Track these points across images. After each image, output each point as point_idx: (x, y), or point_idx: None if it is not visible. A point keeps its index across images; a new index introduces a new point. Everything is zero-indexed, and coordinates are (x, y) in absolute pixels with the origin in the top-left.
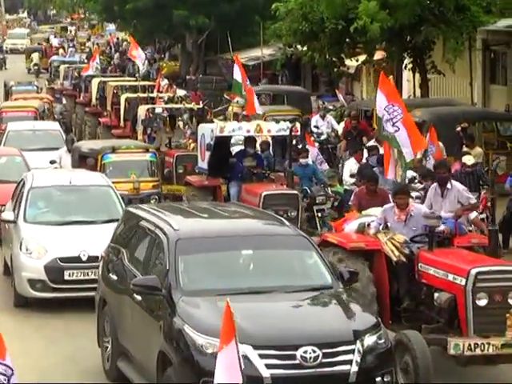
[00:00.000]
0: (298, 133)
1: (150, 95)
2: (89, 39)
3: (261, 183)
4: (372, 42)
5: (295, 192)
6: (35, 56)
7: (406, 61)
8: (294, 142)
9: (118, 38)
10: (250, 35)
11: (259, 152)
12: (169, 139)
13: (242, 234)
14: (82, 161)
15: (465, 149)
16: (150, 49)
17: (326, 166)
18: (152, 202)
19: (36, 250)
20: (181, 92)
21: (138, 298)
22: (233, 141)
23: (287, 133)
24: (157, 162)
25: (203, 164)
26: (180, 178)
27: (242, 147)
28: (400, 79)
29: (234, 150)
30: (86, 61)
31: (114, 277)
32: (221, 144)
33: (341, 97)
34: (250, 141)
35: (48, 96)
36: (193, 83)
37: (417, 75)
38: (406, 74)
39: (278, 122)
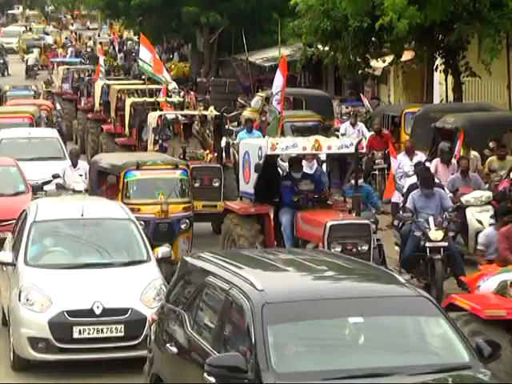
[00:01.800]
0: (364, 150)
1: (158, 99)
2: (90, 38)
3: (321, 210)
4: (400, 40)
5: (366, 222)
6: (32, 55)
7: (438, 62)
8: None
9: (121, 37)
10: (267, 34)
11: (316, 171)
12: (183, 149)
13: (348, 295)
14: (100, 178)
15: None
16: (158, 49)
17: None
18: (183, 226)
19: (39, 300)
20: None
21: (212, 380)
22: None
23: (351, 150)
24: (188, 180)
25: (248, 188)
26: (197, 192)
27: (307, 169)
28: (431, 82)
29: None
30: (87, 62)
31: (174, 349)
32: (268, 164)
33: (366, 101)
34: (296, 162)
35: (47, 103)
36: (204, 86)
37: (449, 78)
38: (438, 77)
39: (296, 130)
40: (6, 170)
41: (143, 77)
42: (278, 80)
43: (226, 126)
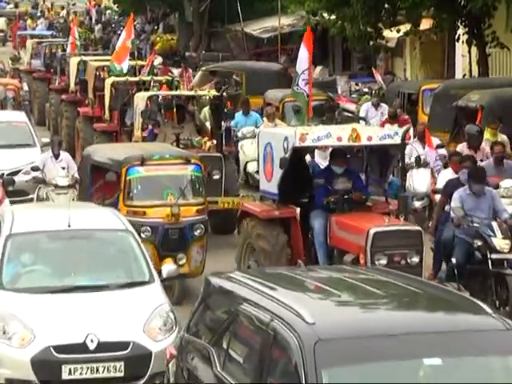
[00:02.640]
0: (411, 140)
1: (143, 78)
2: (63, 8)
3: (360, 214)
4: (417, 7)
5: (417, 228)
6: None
7: (460, 31)
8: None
9: (99, 6)
10: (264, 1)
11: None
12: (176, 136)
13: (422, 329)
14: (96, 175)
15: None
16: (140, 19)
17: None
18: (197, 233)
19: (18, 333)
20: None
21: None
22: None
23: (397, 141)
24: (202, 177)
25: (270, 186)
26: None
27: (320, 160)
28: (452, 54)
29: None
30: (59, 34)
31: None
32: (296, 157)
33: (378, 77)
34: (339, 155)
35: (14, 82)
36: (194, 61)
37: (473, 49)
38: (460, 48)
39: (298, 111)
40: None
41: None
42: (303, 56)
43: (226, 109)
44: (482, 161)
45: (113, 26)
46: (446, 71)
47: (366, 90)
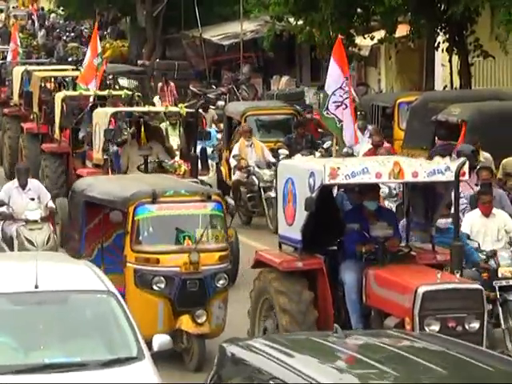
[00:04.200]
0: (466, 177)
1: (99, 93)
2: (1, 11)
3: (404, 266)
4: (392, 12)
5: (477, 286)
6: None
7: (440, 39)
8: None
9: (42, 9)
10: (225, 4)
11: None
12: (144, 159)
13: None
14: (92, 215)
15: None
16: (89, 24)
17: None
18: (219, 284)
19: None
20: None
21: None
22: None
23: (449, 178)
24: (224, 217)
25: (292, 231)
26: None
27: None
28: (431, 64)
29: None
30: None
31: None
32: (323, 196)
33: (351, 89)
34: (372, 189)
35: None
36: (147, 70)
37: (455, 58)
38: (440, 57)
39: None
40: None
41: (70, 59)
42: (334, 74)
43: (209, 127)
44: (477, 185)
45: (57, 30)
46: (424, 82)
47: None
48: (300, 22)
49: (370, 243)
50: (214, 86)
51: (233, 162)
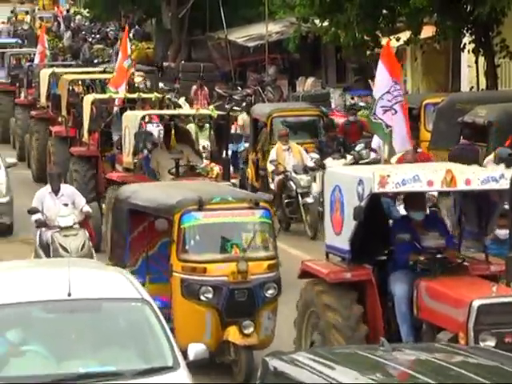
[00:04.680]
0: None
1: (129, 96)
2: (27, 13)
3: (457, 278)
4: (418, 13)
5: None
6: None
7: (466, 39)
8: None
9: (67, 11)
10: (251, 6)
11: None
12: (176, 162)
13: None
14: (136, 223)
15: None
16: (114, 25)
17: None
18: (268, 294)
19: None
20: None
21: None
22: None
23: (503, 185)
24: (272, 224)
25: (340, 241)
26: None
27: (397, 208)
28: (457, 65)
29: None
30: (23, 42)
31: None
32: (372, 205)
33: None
34: (417, 198)
35: None
36: (172, 72)
37: (481, 59)
38: (467, 58)
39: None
40: None
41: (95, 61)
42: (382, 78)
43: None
44: None
45: (83, 32)
46: (450, 83)
47: (362, 104)
48: (325, 24)
49: (422, 254)
50: (239, 88)
51: (270, 168)
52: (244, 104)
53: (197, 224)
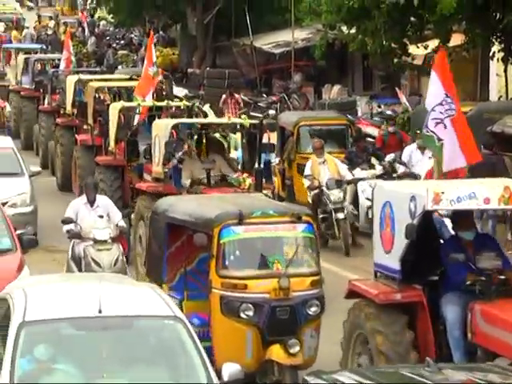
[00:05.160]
0: None
1: (158, 104)
2: (51, 18)
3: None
4: (447, 21)
5: None
6: None
7: (495, 48)
8: None
9: (92, 16)
10: (277, 12)
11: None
12: (207, 172)
13: None
14: (174, 237)
15: None
16: (138, 31)
17: None
18: (311, 311)
19: None
20: (180, 91)
21: None
22: None
23: None
24: (316, 239)
25: (390, 259)
26: None
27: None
28: (486, 73)
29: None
30: (47, 48)
31: None
32: (424, 223)
33: (403, 98)
34: (467, 217)
35: (0, 101)
36: (197, 79)
37: (510, 68)
38: (495, 67)
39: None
40: None
41: (120, 67)
42: (435, 87)
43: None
44: None
45: (107, 38)
46: (478, 92)
47: (389, 112)
48: (352, 31)
49: (477, 275)
50: (264, 95)
51: (306, 183)
52: (269, 111)
53: (237, 239)
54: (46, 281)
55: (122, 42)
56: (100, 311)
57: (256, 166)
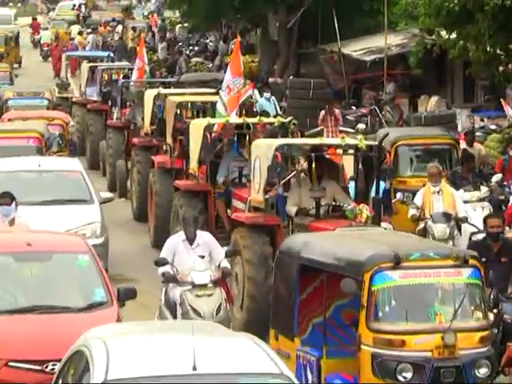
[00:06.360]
0: None
1: (248, 120)
2: (119, 22)
3: None
4: None
5: None
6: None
7: None
8: None
9: (163, 21)
10: (368, 15)
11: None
12: (316, 201)
13: None
14: (306, 280)
15: None
16: (214, 36)
17: None
18: (480, 374)
19: None
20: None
21: None
22: None
23: None
24: (483, 286)
25: None
26: None
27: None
28: None
29: None
30: (113, 55)
31: None
32: None
33: (510, 110)
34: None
35: (62, 116)
36: (279, 89)
37: None
38: None
39: (416, 157)
40: (72, 259)
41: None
42: None
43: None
44: None
45: (179, 44)
46: None
47: (493, 126)
48: (453, 36)
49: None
50: (353, 107)
51: (410, 212)
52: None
53: (392, 286)
54: (128, 331)
55: (196, 48)
56: (194, 368)
57: (373, 194)
